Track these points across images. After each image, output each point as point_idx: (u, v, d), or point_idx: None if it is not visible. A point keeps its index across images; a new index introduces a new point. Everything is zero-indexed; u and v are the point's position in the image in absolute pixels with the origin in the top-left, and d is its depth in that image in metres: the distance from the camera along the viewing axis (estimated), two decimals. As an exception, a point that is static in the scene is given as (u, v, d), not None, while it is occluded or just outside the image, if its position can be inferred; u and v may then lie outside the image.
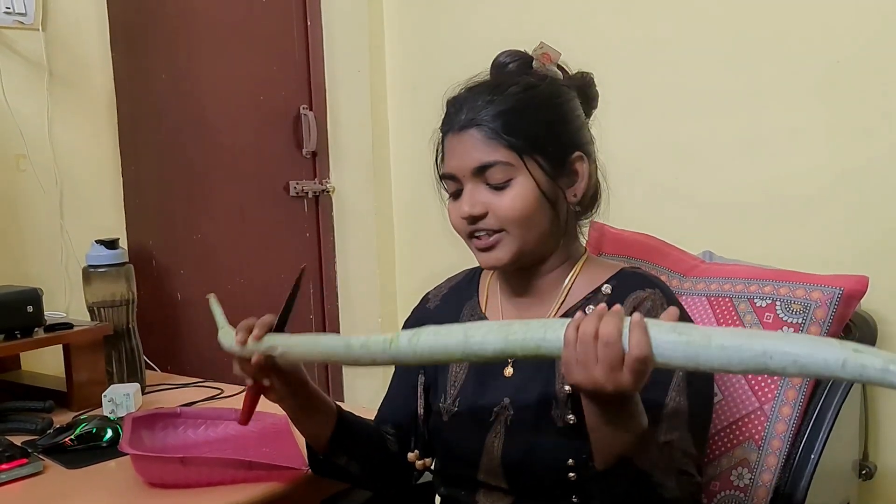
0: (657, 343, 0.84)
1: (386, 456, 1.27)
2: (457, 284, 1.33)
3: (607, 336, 0.86)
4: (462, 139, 1.13)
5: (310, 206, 2.60)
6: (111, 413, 1.63)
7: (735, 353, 0.79)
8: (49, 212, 1.99)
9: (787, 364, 0.76)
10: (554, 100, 1.17)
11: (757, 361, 0.78)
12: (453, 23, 2.43)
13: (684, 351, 0.82)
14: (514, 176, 1.11)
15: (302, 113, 2.54)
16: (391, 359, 1.01)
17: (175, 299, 2.29)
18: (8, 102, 1.89)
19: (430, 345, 0.96)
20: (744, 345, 0.78)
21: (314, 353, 1.09)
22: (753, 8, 1.87)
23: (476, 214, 1.12)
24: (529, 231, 1.12)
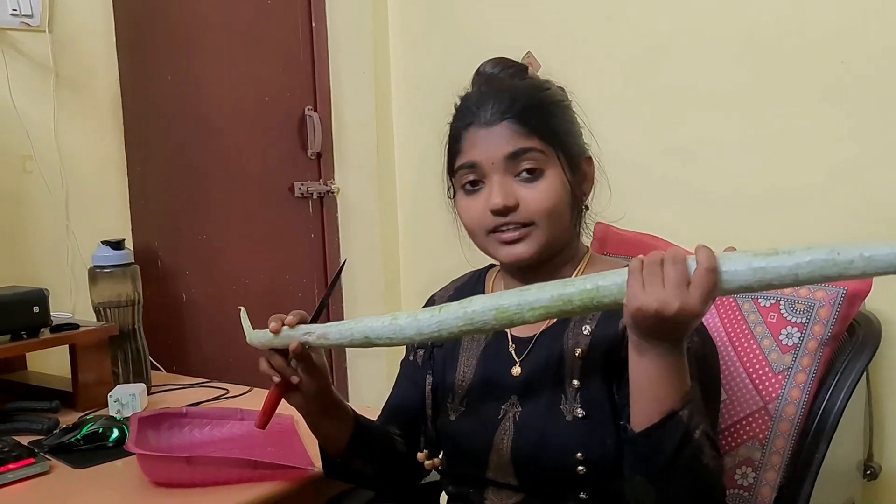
0: (724, 258, 0.86)
1: (395, 457, 1.28)
2: (462, 286, 1.33)
3: (674, 256, 0.89)
4: (492, 131, 1.12)
5: (314, 206, 2.61)
6: (117, 413, 1.63)
7: (802, 254, 0.81)
8: (55, 213, 2.00)
9: (854, 257, 0.79)
10: (565, 102, 1.19)
11: (825, 258, 0.80)
12: (457, 24, 2.43)
13: (750, 262, 0.84)
14: (546, 167, 1.11)
15: (307, 114, 2.55)
16: (438, 326, 1.00)
17: (180, 300, 2.30)
18: (14, 104, 1.90)
19: (483, 304, 0.98)
20: (811, 244, 0.81)
21: (355, 334, 1.07)
22: (760, 8, 1.87)
23: (510, 205, 1.10)
24: (556, 225, 1.12)
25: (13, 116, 1.91)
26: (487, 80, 1.19)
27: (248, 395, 1.82)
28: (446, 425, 1.22)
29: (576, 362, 1.12)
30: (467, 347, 1.24)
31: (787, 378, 1.31)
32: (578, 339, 1.13)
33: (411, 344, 1.02)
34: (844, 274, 0.80)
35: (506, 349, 1.19)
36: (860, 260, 0.78)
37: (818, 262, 0.81)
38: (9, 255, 1.94)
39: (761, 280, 0.84)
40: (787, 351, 1.32)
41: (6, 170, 1.93)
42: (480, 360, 1.21)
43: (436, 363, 1.26)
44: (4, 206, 1.94)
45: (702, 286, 0.87)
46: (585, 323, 1.13)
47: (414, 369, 1.30)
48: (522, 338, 1.19)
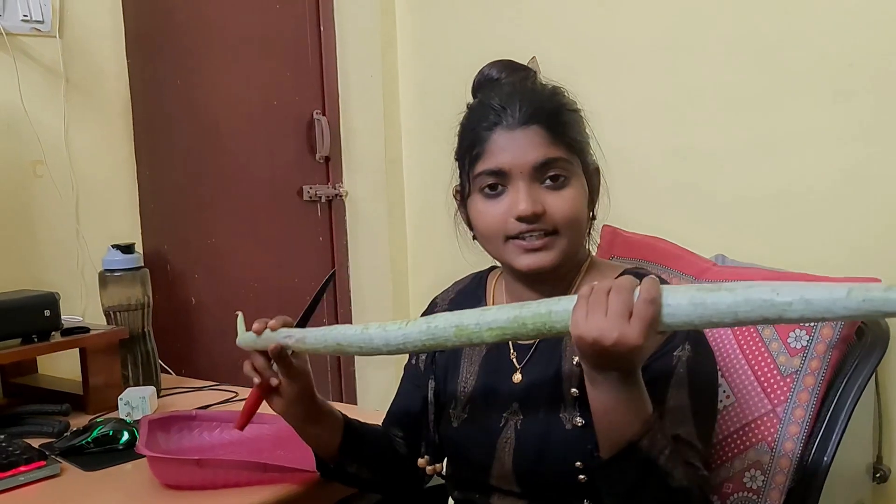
0: (668, 291, 0.85)
1: (395, 459, 1.28)
2: (464, 289, 1.33)
3: (619, 286, 0.87)
4: (521, 135, 1.09)
5: (323, 210, 2.61)
6: (127, 416, 1.64)
7: (742, 294, 0.79)
8: (65, 217, 2.01)
9: (794, 299, 0.76)
10: (581, 110, 1.17)
11: (764, 299, 0.77)
12: (465, 27, 2.44)
13: (691, 299, 0.83)
14: (571, 176, 1.10)
15: (315, 118, 2.55)
16: (403, 339, 1.01)
17: (189, 303, 2.31)
18: (25, 109, 1.91)
19: (446, 321, 0.98)
20: (752, 284, 0.79)
21: (328, 340, 1.09)
22: (767, 11, 1.87)
23: (539, 212, 1.08)
24: (577, 234, 1.13)
25: (24, 121, 1.92)
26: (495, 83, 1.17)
27: (252, 398, 1.83)
28: (449, 431, 1.22)
29: (574, 370, 1.11)
30: (469, 353, 1.23)
31: (796, 381, 1.31)
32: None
33: (379, 354, 1.04)
34: (783, 316, 0.77)
35: (507, 356, 1.19)
36: (800, 303, 0.76)
37: (757, 301, 0.78)
38: (20, 259, 1.95)
39: (702, 316, 0.83)
40: (795, 354, 1.32)
41: (17, 174, 1.94)
42: (482, 366, 1.21)
43: (438, 368, 1.26)
44: (15, 210, 1.95)
45: (642, 318, 0.85)
46: None
47: (416, 374, 1.30)
48: (523, 345, 1.18)
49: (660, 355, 1.07)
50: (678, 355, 1.08)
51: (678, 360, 1.08)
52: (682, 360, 1.08)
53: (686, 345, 1.09)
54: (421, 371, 1.29)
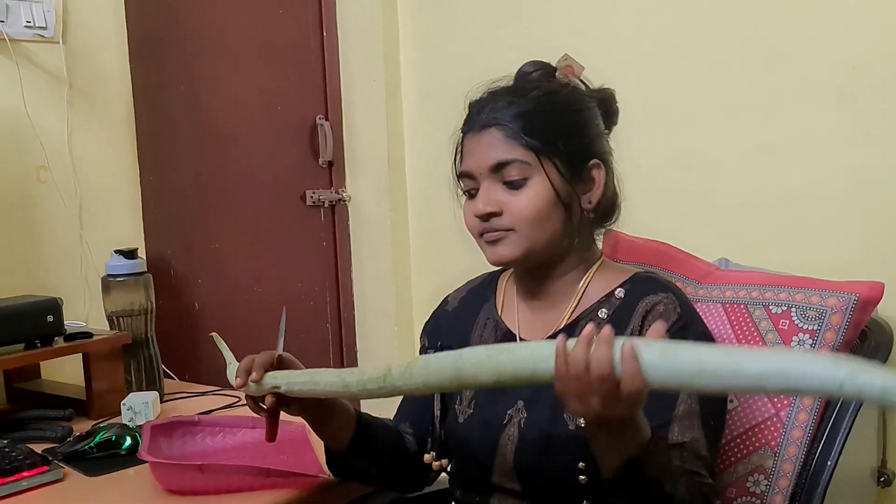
0: (650, 372, 0.82)
1: (404, 456, 1.29)
2: (476, 287, 1.35)
3: (599, 369, 0.84)
4: (481, 138, 1.15)
5: (326, 215, 2.61)
6: (130, 421, 1.64)
7: (731, 380, 0.77)
8: (69, 222, 2.02)
9: (782, 388, 0.75)
10: (573, 106, 1.19)
11: (753, 385, 0.76)
12: (468, 32, 2.44)
13: (678, 378, 0.81)
14: (531, 176, 1.13)
15: (318, 123, 2.56)
16: (388, 393, 1.02)
17: (193, 308, 2.31)
18: (29, 114, 1.92)
19: (423, 379, 0.97)
20: (738, 371, 0.76)
21: (315, 391, 1.11)
22: (769, 14, 1.87)
23: (491, 211, 1.13)
24: (540, 232, 1.13)
25: (27, 127, 1.92)
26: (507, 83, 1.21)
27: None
28: (454, 427, 1.23)
29: None
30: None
31: (799, 385, 1.30)
32: None
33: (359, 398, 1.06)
34: (773, 394, 0.77)
35: None
36: (789, 391, 0.75)
37: (744, 386, 0.77)
38: (23, 264, 1.95)
39: (694, 390, 0.84)
40: (798, 358, 1.31)
41: (20, 180, 1.95)
42: None
43: None
44: (19, 215, 1.95)
45: (631, 401, 0.85)
46: None
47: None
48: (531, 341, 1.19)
49: None
50: None
51: None
52: None
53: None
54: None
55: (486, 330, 1.26)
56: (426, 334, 1.36)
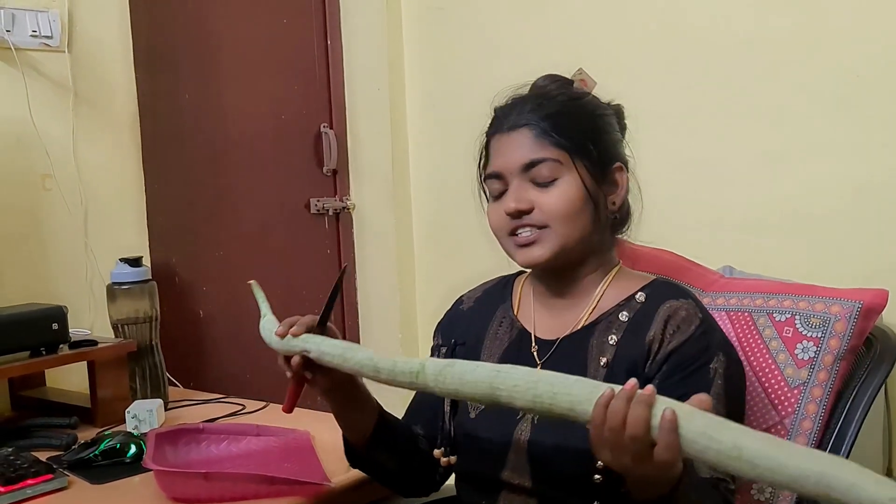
0: (687, 444, 0.81)
1: (417, 453, 1.28)
2: (491, 289, 1.36)
3: (634, 431, 0.83)
4: (511, 138, 1.17)
5: (330, 223, 2.62)
6: (135, 429, 1.64)
7: (766, 473, 0.75)
8: (74, 230, 2.02)
9: (818, 494, 0.72)
10: (597, 111, 1.22)
11: (788, 484, 0.74)
12: (472, 40, 2.44)
13: (714, 457, 0.79)
14: (561, 174, 1.14)
15: (322, 131, 2.56)
16: (416, 388, 1.02)
17: (197, 316, 2.31)
18: (34, 123, 1.93)
19: (456, 387, 0.97)
20: (776, 468, 0.74)
21: (343, 366, 1.09)
22: (772, 23, 1.87)
23: (522, 209, 1.14)
24: (573, 229, 1.15)
25: (33, 135, 1.93)
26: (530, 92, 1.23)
27: (265, 410, 1.83)
28: (465, 422, 1.23)
29: (599, 371, 1.13)
30: (489, 346, 1.26)
31: (804, 393, 1.30)
32: (604, 347, 1.15)
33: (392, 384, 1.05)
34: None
35: (528, 349, 1.21)
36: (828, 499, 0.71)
37: (782, 483, 0.74)
38: (28, 272, 1.96)
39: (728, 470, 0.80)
40: (802, 365, 1.31)
41: (26, 188, 1.96)
42: (502, 358, 1.23)
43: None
44: (24, 223, 1.96)
45: (662, 467, 0.84)
46: (612, 332, 1.16)
47: None
48: (546, 340, 1.21)
49: (696, 368, 1.10)
50: (714, 367, 1.11)
51: (715, 372, 1.11)
52: (718, 371, 1.10)
53: (720, 355, 1.12)
54: None
55: (502, 328, 1.27)
56: (440, 332, 1.36)
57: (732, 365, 1.13)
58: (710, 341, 1.12)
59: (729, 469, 0.79)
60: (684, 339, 1.12)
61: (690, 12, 2.00)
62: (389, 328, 2.60)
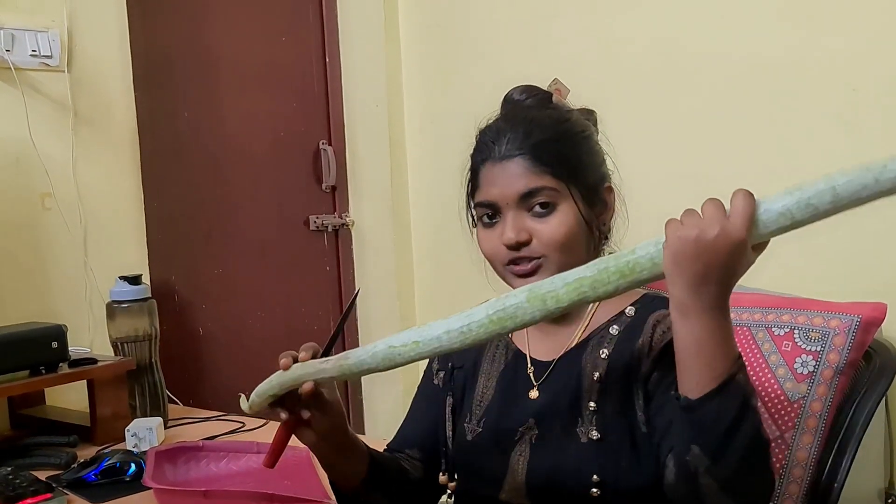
0: (776, 216, 0.89)
1: (407, 483, 1.27)
2: None
3: (710, 200, 0.91)
4: (505, 167, 1.14)
5: (330, 239, 2.62)
6: (134, 447, 1.64)
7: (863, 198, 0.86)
8: (73, 249, 2.02)
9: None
10: (585, 132, 1.20)
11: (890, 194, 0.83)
12: (470, 57, 2.46)
13: (785, 191, 0.87)
14: (558, 202, 1.13)
15: (321, 148, 2.57)
16: (468, 321, 0.99)
17: (197, 333, 2.31)
18: (34, 142, 1.93)
19: (517, 295, 0.97)
20: (867, 186, 0.86)
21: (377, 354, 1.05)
22: (770, 39, 1.88)
23: (522, 241, 1.13)
24: (569, 256, 1.13)
25: (33, 154, 1.94)
26: (510, 110, 1.21)
27: (265, 428, 1.83)
28: (463, 445, 1.22)
29: (593, 385, 1.12)
30: (487, 369, 1.24)
31: (804, 407, 1.30)
32: (596, 362, 1.14)
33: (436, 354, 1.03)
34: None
35: (524, 371, 1.20)
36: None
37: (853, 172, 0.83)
38: (28, 291, 1.96)
39: (799, 201, 0.87)
40: (802, 380, 1.31)
41: (26, 207, 1.96)
42: (499, 381, 1.22)
43: (455, 384, 1.27)
44: (24, 242, 1.96)
45: (740, 212, 0.89)
46: (603, 347, 1.15)
47: (434, 391, 1.29)
48: (541, 361, 1.19)
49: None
50: None
51: None
52: None
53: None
54: (440, 388, 1.29)
55: (498, 351, 1.26)
56: (435, 357, 1.33)
57: None
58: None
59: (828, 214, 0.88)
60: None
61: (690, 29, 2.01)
62: (389, 344, 2.60)
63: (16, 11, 1.93)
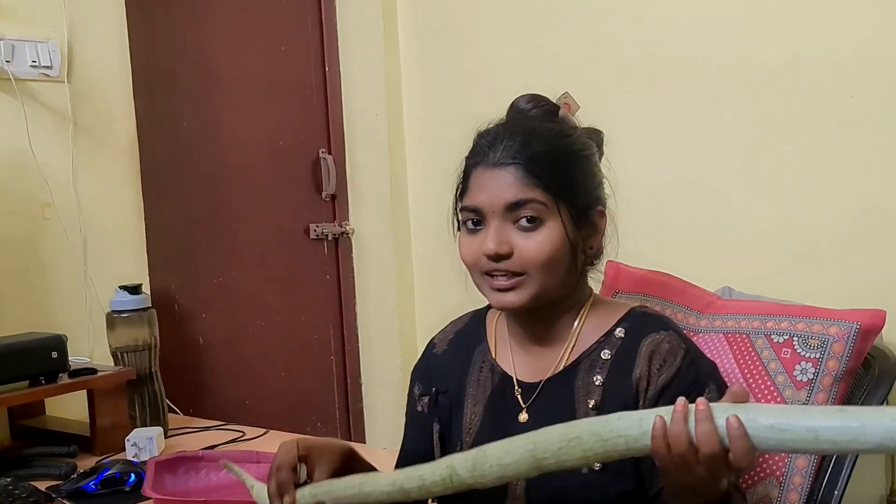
0: (761, 444, 0.81)
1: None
2: (463, 328, 1.32)
3: (709, 449, 0.83)
4: (497, 175, 1.10)
5: (329, 248, 2.62)
6: (134, 457, 1.64)
7: (851, 446, 0.75)
8: (73, 259, 2.03)
9: None
10: (585, 152, 1.17)
11: (877, 450, 0.74)
12: (470, 65, 2.46)
13: (792, 447, 0.80)
14: (546, 218, 1.09)
15: (321, 156, 2.57)
16: (455, 491, 0.98)
17: (197, 343, 2.31)
18: (34, 152, 1.94)
19: (498, 474, 0.94)
20: (858, 438, 0.74)
21: (368, 501, 1.02)
22: (767, 44, 1.89)
23: (503, 253, 1.09)
24: (550, 276, 1.11)
25: (32, 165, 1.94)
26: (513, 118, 1.18)
27: (265, 437, 1.83)
28: None
29: (589, 413, 1.10)
30: (473, 394, 1.22)
31: (803, 414, 1.30)
32: (590, 389, 1.12)
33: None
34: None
35: (512, 394, 1.17)
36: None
37: (867, 447, 0.74)
38: (28, 301, 1.96)
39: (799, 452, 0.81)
40: (801, 387, 1.31)
41: (26, 217, 1.96)
42: (487, 406, 1.20)
43: (441, 410, 1.24)
44: (24, 252, 1.97)
45: (737, 470, 0.84)
46: (596, 373, 1.13)
47: (421, 419, 1.27)
48: (528, 383, 1.17)
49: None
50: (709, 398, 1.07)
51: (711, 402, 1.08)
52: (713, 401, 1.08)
53: (711, 385, 1.10)
54: (425, 414, 1.26)
55: (482, 374, 1.23)
56: (418, 380, 1.31)
57: (723, 392, 1.08)
58: (698, 373, 1.10)
59: (808, 452, 0.78)
60: (673, 373, 1.09)
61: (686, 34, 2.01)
62: (389, 353, 2.60)
63: (16, 22, 1.94)
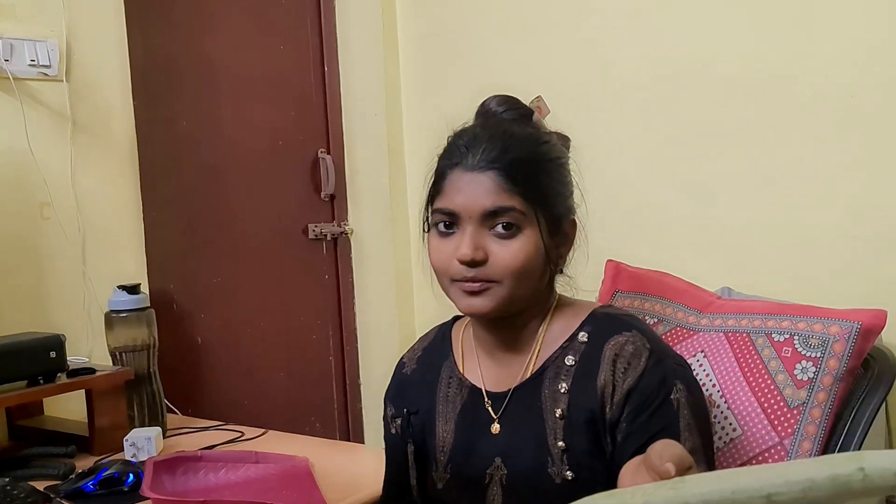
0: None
1: None
2: (430, 345, 1.30)
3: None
4: (475, 179, 1.08)
5: (328, 248, 2.62)
6: (133, 457, 1.63)
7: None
8: (72, 258, 2.02)
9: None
10: (562, 160, 1.15)
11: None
12: (468, 66, 2.46)
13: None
14: (523, 227, 1.08)
15: (320, 157, 2.57)
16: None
17: (196, 343, 2.31)
18: (32, 152, 1.93)
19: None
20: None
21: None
22: (767, 44, 1.89)
23: (478, 259, 1.07)
24: (522, 285, 1.09)
25: (31, 164, 1.93)
26: (488, 120, 1.16)
27: (264, 437, 1.82)
28: (435, 494, 1.19)
29: (557, 423, 1.09)
30: (443, 411, 1.21)
31: (803, 413, 1.30)
32: (556, 397, 1.11)
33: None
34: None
35: (482, 405, 1.16)
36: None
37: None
38: (26, 300, 1.96)
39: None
40: (802, 386, 1.31)
41: (24, 217, 1.96)
42: (458, 422, 1.19)
43: (415, 431, 1.22)
44: (22, 252, 1.96)
45: None
46: (561, 380, 1.11)
47: (395, 441, 1.26)
48: (497, 393, 1.16)
49: (659, 403, 1.06)
50: (676, 398, 1.07)
51: (678, 402, 1.07)
52: (681, 401, 1.06)
53: (678, 384, 1.08)
54: (398, 436, 1.25)
55: (451, 389, 1.21)
56: (390, 401, 1.30)
57: (692, 390, 1.09)
58: (664, 372, 1.08)
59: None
60: (638, 375, 1.07)
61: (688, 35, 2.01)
62: (388, 353, 2.60)
63: (14, 21, 1.93)
